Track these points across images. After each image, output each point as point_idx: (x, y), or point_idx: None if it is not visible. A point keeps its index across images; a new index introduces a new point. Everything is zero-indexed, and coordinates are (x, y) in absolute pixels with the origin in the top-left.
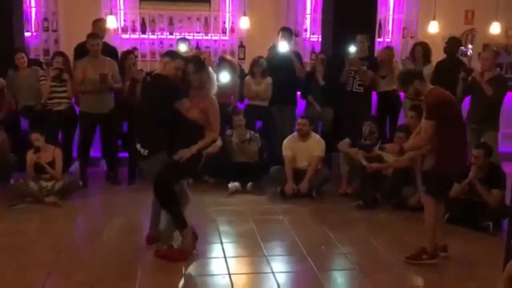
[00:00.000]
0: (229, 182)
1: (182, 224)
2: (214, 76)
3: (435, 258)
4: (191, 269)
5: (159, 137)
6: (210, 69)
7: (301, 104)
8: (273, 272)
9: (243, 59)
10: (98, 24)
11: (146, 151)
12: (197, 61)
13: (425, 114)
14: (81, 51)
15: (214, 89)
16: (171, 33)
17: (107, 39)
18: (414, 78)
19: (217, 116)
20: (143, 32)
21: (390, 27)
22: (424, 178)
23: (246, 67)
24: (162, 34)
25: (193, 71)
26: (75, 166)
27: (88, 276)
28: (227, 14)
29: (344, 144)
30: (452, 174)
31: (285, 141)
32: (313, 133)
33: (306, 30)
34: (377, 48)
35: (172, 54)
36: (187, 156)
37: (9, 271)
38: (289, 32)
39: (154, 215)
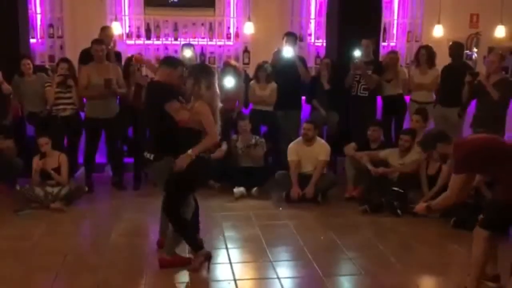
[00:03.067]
0: (234, 187)
1: (195, 247)
2: (214, 83)
3: None
4: (197, 275)
5: (164, 142)
6: (212, 76)
7: (306, 108)
8: (278, 278)
9: (248, 64)
10: (106, 31)
11: (152, 155)
12: (194, 67)
13: (454, 169)
14: (86, 57)
15: (213, 97)
16: (175, 39)
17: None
18: (436, 141)
19: (208, 120)
20: (148, 38)
21: (394, 31)
22: (486, 208)
23: (250, 72)
24: (167, 39)
25: (186, 75)
26: (81, 171)
27: (94, 279)
28: (232, 20)
29: (350, 148)
30: None
31: (290, 146)
32: (318, 138)
33: (310, 35)
34: (382, 52)
35: (173, 62)
36: (185, 163)
37: (15, 274)
38: (293, 37)
39: (163, 222)
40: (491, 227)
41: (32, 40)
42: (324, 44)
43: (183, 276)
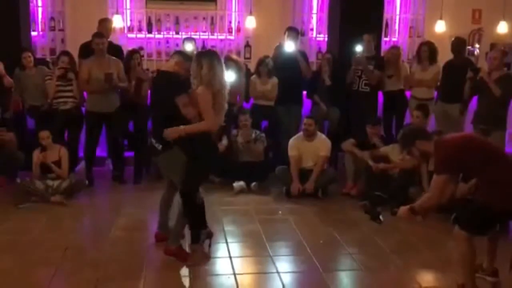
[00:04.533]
0: (234, 182)
1: (196, 238)
2: (216, 66)
3: None
4: (196, 269)
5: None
6: (214, 58)
7: (307, 103)
8: (278, 272)
9: (249, 58)
10: (104, 24)
11: (160, 145)
12: (199, 52)
13: (435, 169)
14: (87, 50)
15: (214, 79)
16: (177, 33)
17: (113, 38)
18: (415, 138)
19: (205, 106)
20: (149, 31)
21: (396, 27)
22: (463, 207)
23: (252, 66)
24: (168, 33)
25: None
26: (81, 165)
27: (94, 274)
28: (233, 14)
29: (348, 144)
30: (505, 210)
31: (291, 141)
32: (319, 133)
33: (312, 30)
34: (384, 47)
35: (185, 55)
36: (173, 135)
37: (15, 268)
38: (295, 32)
39: (163, 215)
40: (469, 228)
41: (33, 33)
42: (326, 39)
43: (183, 270)
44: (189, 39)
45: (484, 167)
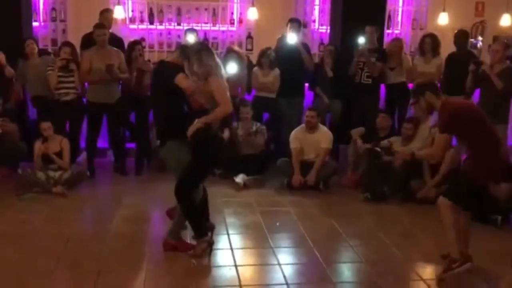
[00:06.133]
0: (235, 174)
1: (200, 233)
2: (203, 58)
3: (465, 263)
4: (198, 260)
5: (170, 125)
6: (202, 51)
7: (309, 96)
8: (279, 264)
9: (251, 50)
10: (105, 14)
11: (159, 141)
12: (182, 48)
13: (439, 127)
14: (88, 41)
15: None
16: (178, 24)
17: (114, 29)
18: (426, 89)
19: (220, 91)
20: (151, 22)
21: (399, 19)
22: (454, 180)
23: (254, 58)
24: (170, 24)
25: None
26: (83, 156)
27: (95, 265)
28: (235, 5)
29: (356, 132)
30: (483, 185)
31: (293, 133)
32: (321, 125)
33: (314, 21)
34: (386, 39)
35: (184, 54)
36: (196, 128)
37: (17, 259)
38: (297, 23)
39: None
40: (450, 195)
41: (35, 24)
42: (328, 30)
43: (184, 262)
44: (191, 30)
45: (475, 138)
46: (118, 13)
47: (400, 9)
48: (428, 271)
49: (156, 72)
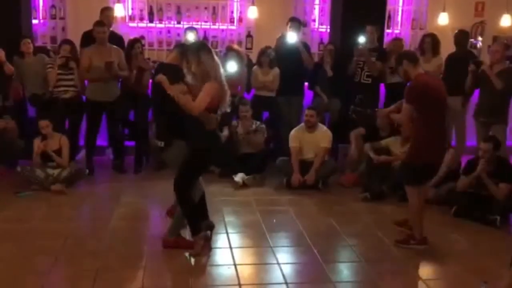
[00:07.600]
0: (233, 174)
1: (195, 230)
2: (202, 56)
3: (422, 244)
4: (197, 259)
5: (171, 126)
6: (199, 50)
7: (308, 95)
8: (278, 263)
9: (251, 49)
10: (106, 12)
11: (162, 143)
12: (180, 47)
13: (405, 96)
14: (88, 39)
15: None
16: (178, 22)
17: (114, 27)
18: (404, 58)
19: (205, 97)
20: (151, 20)
21: (399, 18)
22: (402, 169)
23: (253, 57)
24: (169, 23)
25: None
26: (82, 154)
27: (94, 263)
28: (235, 4)
29: (355, 132)
30: (427, 164)
31: (292, 132)
32: (320, 125)
33: (314, 21)
34: (386, 39)
35: (182, 53)
36: (170, 90)
37: (15, 257)
38: (297, 23)
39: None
40: (408, 181)
41: (34, 21)
42: (328, 30)
43: (183, 260)
44: (191, 28)
45: (423, 115)
46: (118, 11)
47: (400, 9)
48: (427, 271)
49: (156, 74)
